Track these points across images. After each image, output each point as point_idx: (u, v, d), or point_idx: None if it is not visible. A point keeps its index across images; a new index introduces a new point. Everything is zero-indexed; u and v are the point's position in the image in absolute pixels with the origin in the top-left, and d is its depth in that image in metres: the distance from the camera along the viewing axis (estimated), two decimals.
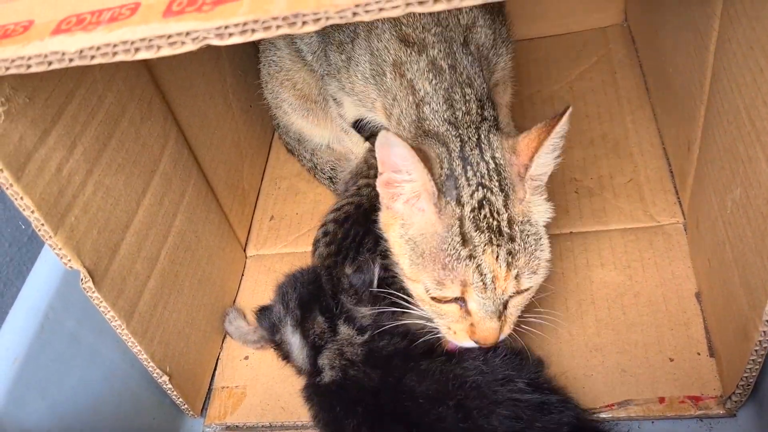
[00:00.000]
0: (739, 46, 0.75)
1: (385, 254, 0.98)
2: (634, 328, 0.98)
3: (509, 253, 0.77)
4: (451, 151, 0.82)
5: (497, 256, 0.77)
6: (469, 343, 0.83)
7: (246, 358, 1.11)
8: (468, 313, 0.80)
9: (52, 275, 0.92)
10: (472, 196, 0.78)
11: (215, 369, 1.11)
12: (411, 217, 0.81)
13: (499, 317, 0.80)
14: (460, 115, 0.85)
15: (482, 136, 0.83)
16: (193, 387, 1.04)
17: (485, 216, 0.78)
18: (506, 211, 0.78)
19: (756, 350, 0.76)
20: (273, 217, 1.32)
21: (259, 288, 1.21)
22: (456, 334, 0.83)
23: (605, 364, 0.96)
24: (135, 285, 0.89)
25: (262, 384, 1.07)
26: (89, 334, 0.93)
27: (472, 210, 0.78)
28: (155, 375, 0.96)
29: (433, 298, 0.81)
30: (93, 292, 0.81)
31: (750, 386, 0.82)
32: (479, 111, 0.86)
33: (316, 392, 0.87)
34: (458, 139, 0.83)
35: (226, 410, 1.06)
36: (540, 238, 0.81)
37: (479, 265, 0.77)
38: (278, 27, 0.51)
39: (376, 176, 0.84)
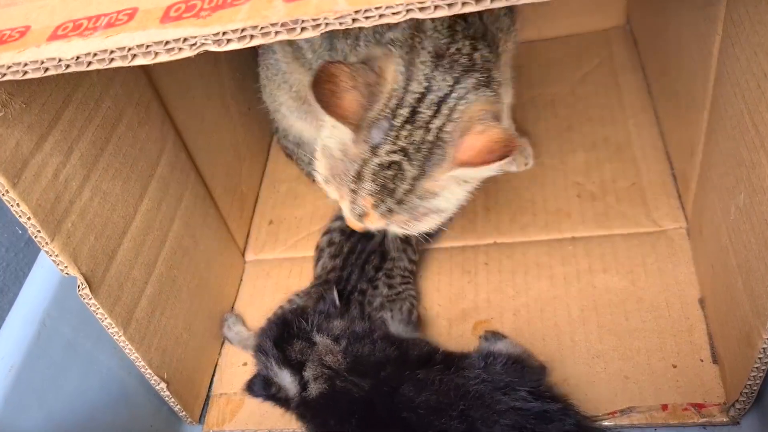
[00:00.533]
0: (742, 50, 0.74)
1: (391, 274, 0.98)
2: (637, 334, 0.97)
3: (389, 210, 0.79)
4: (408, 94, 0.77)
5: (377, 207, 0.79)
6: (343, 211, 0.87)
7: (245, 364, 1.10)
8: (341, 206, 0.84)
9: (48, 281, 0.91)
10: (388, 154, 0.76)
11: (213, 375, 1.11)
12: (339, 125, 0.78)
13: (364, 227, 0.84)
14: (453, 51, 0.78)
15: (453, 94, 0.77)
16: (191, 394, 1.03)
17: (386, 176, 0.77)
18: (410, 184, 0.77)
19: (760, 357, 0.75)
20: (272, 221, 1.32)
21: (257, 293, 1.20)
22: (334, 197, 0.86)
23: (608, 370, 0.95)
24: (132, 291, 0.89)
25: None
26: (86, 341, 0.93)
27: (380, 165, 0.77)
28: (153, 382, 0.95)
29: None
30: (90, 299, 0.80)
31: (754, 394, 0.81)
32: (471, 50, 0.79)
33: (306, 408, 0.85)
34: (425, 83, 0.77)
35: (225, 417, 1.06)
36: (432, 213, 0.81)
37: (356, 201, 0.80)
38: (277, 33, 0.50)
39: None
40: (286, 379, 0.85)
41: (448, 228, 1.05)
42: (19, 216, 0.71)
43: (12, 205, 0.70)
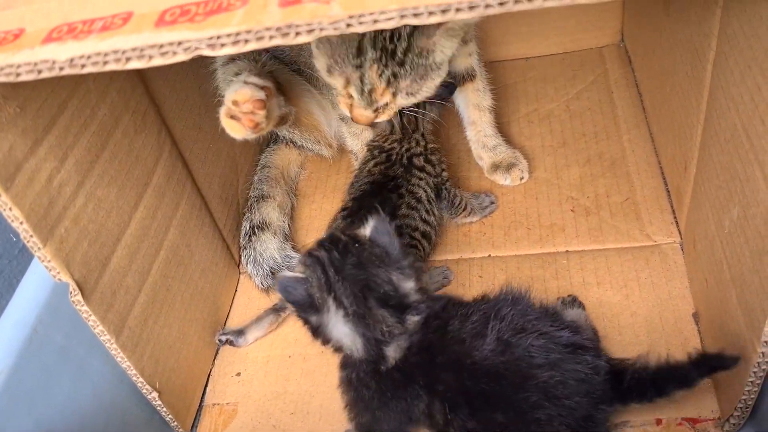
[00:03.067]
0: (736, 64, 0.75)
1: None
2: (631, 348, 0.97)
3: (394, 74, 0.89)
4: None
5: (380, 74, 0.89)
6: (348, 114, 0.98)
7: (238, 374, 1.10)
8: (350, 95, 0.94)
9: (41, 288, 0.90)
10: None
11: (206, 385, 1.10)
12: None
13: (374, 110, 0.95)
14: None
15: None
16: (183, 403, 1.03)
17: (385, 38, 0.87)
18: (407, 41, 0.88)
19: (754, 372, 0.75)
20: None
21: (252, 304, 1.19)
22: (340, 103, 0.98)
23: None
24: (125, 299, 0.88)
25: (253, 401, 1.06)
26: (78, 348, 0.92)
27: (380, 31, 0.86)
28: (144, 391, 0.94)
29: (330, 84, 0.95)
30: (82, 306, 0.80)
31: (748, 409, 0.81)
32: None
33: (374, 378, 0.81)
34: None
35: (217, 428, 1.05)
36: (433, 69, 0.92)
37: (362, 75, 0.89)
38: (271, 37, 0.50)
39: (383, 157, 1.05)
40: (346, 333, 0.80)
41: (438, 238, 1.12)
42: (12, 220, 0.71)
43: (4, 210, 0.70)
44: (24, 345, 0.86)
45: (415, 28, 0.86)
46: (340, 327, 0.80)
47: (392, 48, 0.87)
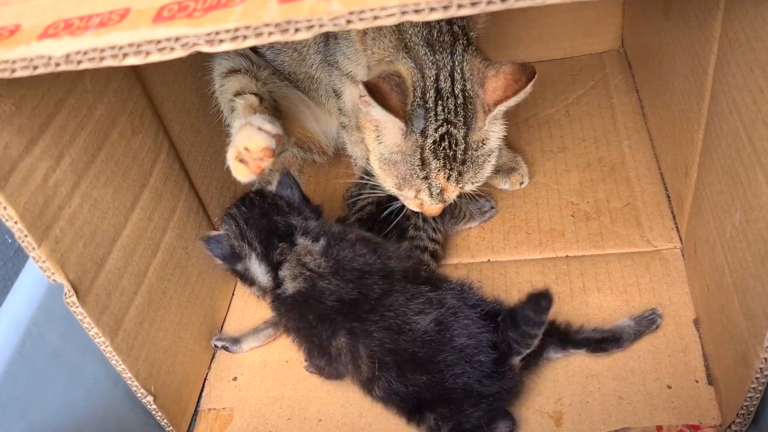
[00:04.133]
0: (738, 67, 0.74)
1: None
2: (631, 354, 0.96)
3: (459, 173, 0.95)
4: (426, 79, 0.91)
5: (448, 177, 0.94)
6: (416, 207, 1.02)
7: (234, 379, 1.09)
8: (420, 199, 0.99)
9: (35, 289, 0.89)
10: (436, 130, 0.91)
11: (202, 390, 1.09)
12: (383, 129, 0.94)
13: (444, 203, 1.00)
14: (436, 35, 0.93)
15: (456, 63, 0.92)
16: (178, 408, 1.01)
17: (444, 148, 0.92)
18: (464, 142, 0.93)
19: (757, 378, 0.74)
20: None
21: (249, 308, 1.18)
22: (409, 204, 1.03)
23: (602, 390, 0.93)
24: (121, 301, 0.87)
25: (250, 406, 1.05)
26: (72, 351, 0.91)
27: (434, 142, 0.92)
28: (139, 395, 0.93)
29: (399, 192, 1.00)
30: (76, 307, 0.79)
31: (750, 415, 0.80)
32: (449, 27, 0.93)
33: (282, 304, 0.95)
34: (434, 66, 0.91)
35: None
36: (489, 155, 0.97)
37: (431, 184, 0.95)
38: (270, 34, 0.50)
39: None
40: (260, 271, 0.95)
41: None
42: (6, 220, 0.70)
43: None
44: (17, 347, 0.85)
45: (467, 128, 0.92)
46: (255, 267, 0.95)
47: (452, 153, 0.93)
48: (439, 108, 0.91)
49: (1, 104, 0.67)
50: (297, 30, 0.49)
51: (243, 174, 0.94)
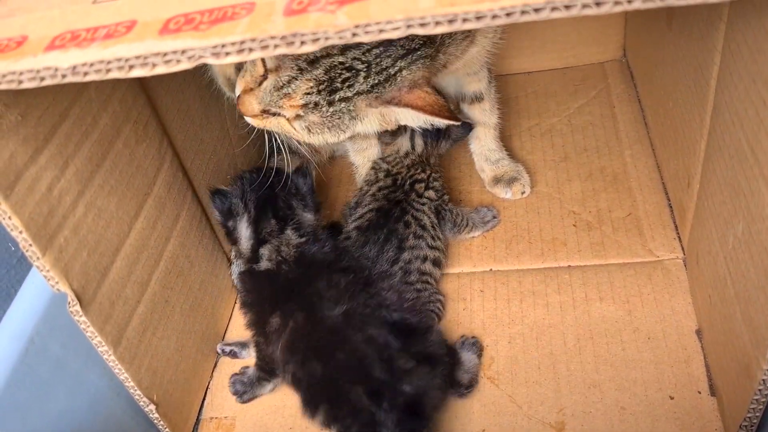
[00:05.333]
0: (741, 79, 0.75)
1: (408, 268, 1.07)
2: (634, 364, 0.96)
3: (315, 104, 0.86)
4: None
5: (307, 95, 0.85)
6: (233, 94, 0.96)
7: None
8: (261, 82, 0.88)
9: (38, 298, 0.89)
10: (353, 60, 0.84)
11: (204, 398, 1.09)
12: None
13: (263, 110, 0.89)
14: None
15: (408, 58, 0.86)
16: (180, 417, 1.01)
17: (340, 76, 0.84)
18: (351, 94, 0.86)
19: (760, 390, 0.74)
20: None
21: None
22: (239, 81, 0.92)
23: (604, 401, 0.93)
24: (124, 310, 0.87)
25: (251, 415, 1.05)
26: (75, 360, 0.91)
27: (341, 63, 0.84)
28: (142, 403, 0.93)
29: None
30: (80, 316, 0.79)
31: (753, 427, 0.80)
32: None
33: (250, 276, 1.02)
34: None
35: None
36: (339, 129, 0.90)
37: (292, 78, 0.84)
38: (276, 46, 0.50)
39: (388, 181, 1.11)
40: (245, 235, 1.03)
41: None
42: (11, 229, 0.70)
43: (3, 218, 0.69)
44: (20, 356, 0.85)
45: (364, 90, 0.86)
46: (243, 229, 1.02)
47: (336, 87, 0.85)
48: (375, 51, 0.84)
49: (7, 114, 0.67)
50: (303, 43, 0.49)
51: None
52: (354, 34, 0.49)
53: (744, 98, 0.74)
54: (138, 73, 0.52)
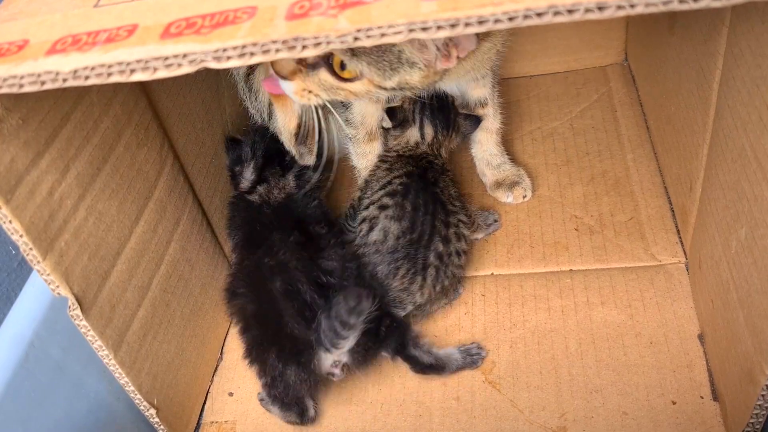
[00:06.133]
0: (743, 83, 0.74)
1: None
2: (636, 369, 0.96)
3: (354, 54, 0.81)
4: None
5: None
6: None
7: (230, 394, 1.08)
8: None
9: (39, 302, 0.89)
10: None
11: (205, 403, 1.08)
12: None
13: (299, 61, 0.87)
14: None
15: None
16: (181, 421, 1.01)
17: None
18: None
19: (762, 395, 0.74)
20: None
21: None
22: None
23: (606, 406, 0.93)
24: (124, 314, 0.87)
25: (252, 420, 1.04)
26: (75, 364, 0.91)
27: None
28: (142, 408, 0.93)
29: None
30: (80, 320, 0.79)
31: None
32: None
33: (242, 201, 1.14)
34: None
35: None
36: (388, 67, 0.83)
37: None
38: (277, 51, 0.50)
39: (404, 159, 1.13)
40: (248, 178, 1.13)
41: None
42: (12, 233, 0.70)
43: (4, 222, 0.69)
44: (20, 360, 0.85)
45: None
46: (247, 173, 1.12)
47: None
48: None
49: (8, 118, 0.67)
50: (304, 47, 0.49)
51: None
52: (356, 38, 0.49)
53: (747, 102, 0.73)
54: (139, 77, 0.52)
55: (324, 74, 0.87)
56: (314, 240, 1.06)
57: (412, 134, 1.17)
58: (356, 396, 1.03)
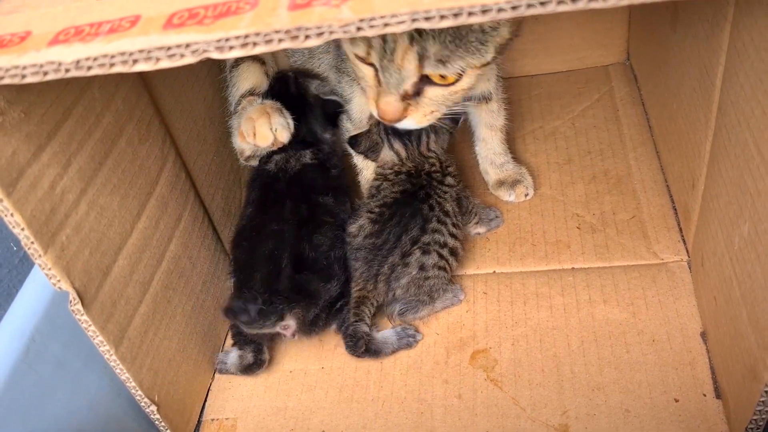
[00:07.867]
0: (747, 79, 0.74)
1: (427, 249, 1.05)
2: (638, 367, 0.96)
3: (419, 32, 0.77)
4: None
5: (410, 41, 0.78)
6: (375, 110, 0.90)
7: (237, 389, 1.08)
8: (378, 82, 0.85)
9: (40, 297, 0.89)
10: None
11: (206, 400, 1.08)
12: None
13: (403, 97, 0.85)
14: None
15: None
16: (181, 418, 1.01)
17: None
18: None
19: (766, 392, 0.73)
20: None
21: None
22: (368, 96, 0.91)
23: (608, 403, 0.93)
24: (126, 309, 0.87)
25: (253, 417, 1.04)
26: (75, 360, 0.91)
27: None
28: (143, 404, 0.92)
29: (355, 56, 0.85)
30: (81, 315, 0.79)
31: (759, 430, 0.79)
32: None
33: (259, 174, 1.18)
34: None
35: None
36: (479, 45, 0.81)
37: (385, 40, 0.79)
38: (280, 40, 0.50)
39: (400, 178, 1.12)
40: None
41: None
42: (13, 227, 0.69)
43: (5, 215, 0.69)
44: (21, 355, 0.85)
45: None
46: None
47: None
48: None
49: (11, 111, 0.67)
50: (307, 37, 0.49)
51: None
52: (359, 28, 0.49)
53: (750, 97, 0.73)
54: (142, 67, 0.52)
55: (432, 92, 0.87)
56: (317, 212, 1.09)
57: (387, 155, 1.15)
58: (357, 393, 1.02)
